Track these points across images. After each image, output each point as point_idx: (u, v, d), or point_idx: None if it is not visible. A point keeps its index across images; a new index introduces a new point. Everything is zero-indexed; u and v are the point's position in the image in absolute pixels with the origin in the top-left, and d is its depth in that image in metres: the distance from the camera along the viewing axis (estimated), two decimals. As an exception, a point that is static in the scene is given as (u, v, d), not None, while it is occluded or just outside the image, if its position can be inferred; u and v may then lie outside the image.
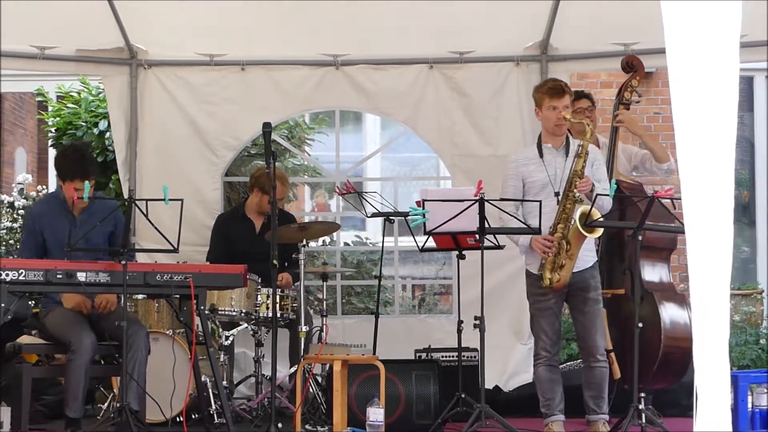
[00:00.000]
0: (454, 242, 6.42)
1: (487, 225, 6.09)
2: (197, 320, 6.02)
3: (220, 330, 7.13)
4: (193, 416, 6.94)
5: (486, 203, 6.05)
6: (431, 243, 6.43)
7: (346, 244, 10.67)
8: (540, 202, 6.05)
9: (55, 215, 6.28)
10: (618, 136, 6.94)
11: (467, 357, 7.07)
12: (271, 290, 6.88)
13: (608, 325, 6.48)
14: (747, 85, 10.84)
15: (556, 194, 6.07)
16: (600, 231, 6.12)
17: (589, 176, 6.04)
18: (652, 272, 6.70)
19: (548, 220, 6.06)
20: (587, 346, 6.15)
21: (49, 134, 9.15)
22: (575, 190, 5.97)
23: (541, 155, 6.18)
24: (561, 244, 5.99)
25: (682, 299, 6.58)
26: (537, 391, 6.23)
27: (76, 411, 5.92)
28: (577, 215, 5.93)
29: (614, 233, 6.65)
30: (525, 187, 6.19)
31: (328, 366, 6.78)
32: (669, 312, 6.55)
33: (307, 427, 6.58)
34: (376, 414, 6.05)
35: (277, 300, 6.90)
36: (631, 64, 7.01)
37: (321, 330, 6.81)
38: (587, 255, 6.15)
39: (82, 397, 5.93)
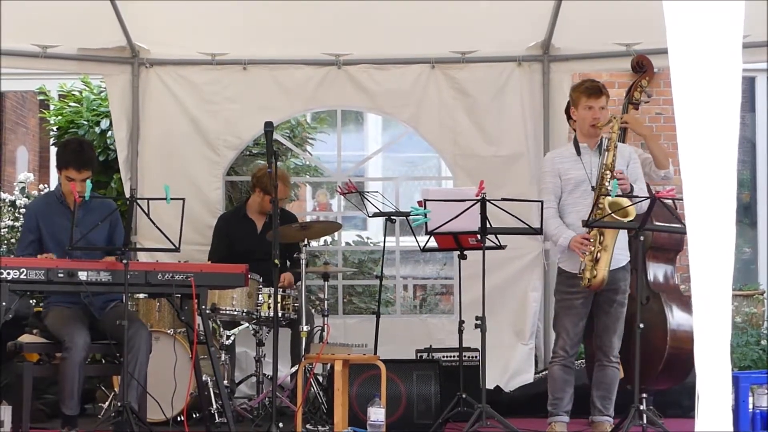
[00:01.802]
0: (455, 242, 6.42)
1: (488, 225, 6.08)
2: (198, 319, 6.02)
3: (221, 329, 7.13)
4: (194, 415, 6.94)
5: (487, 203, 6.05)
6: (432, 243, 6.43)
7: (347, 243, 10.67)
8: (542, 202, 6.09)
9: (54, 212, 6.29)
10: (626, 137, 6.93)
11: (468, 357, 7.07)
12: (272, 290, 6.88)
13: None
14: (748, 86, 10.84)
15: (593, 189, 6.05)
16: (632, 214, 6.03)
17: (626, 175, 6.01)
18: (660, 273, 6.70)
19: (586, 217, 6.05)
20: (603, 346, 6.13)
21: (51, 133, 9.14)
22: (607, 184, 5.95)
23: (578, 153, 6.17)
24: (596, 238, 5.97)
25: (688, 301, 6.57)
26: (547, 388, 6.20)
27: (72, 408, 5.93)
28: (607, 205, 5.89)
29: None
30: (561, 184, 6.19)
31: (329, 365, 6.78)
32: (675, 313, 6.54)
33: (308, 426, 6.58)
34: (377, 414, 6.05)
35: (279, 299, 6.89)
36: (641, 64, 7.00)
37: (322, 330, 6.81)
38: (620, 254, 6.10)
39: (78, 395, 5.93)
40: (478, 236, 6.15)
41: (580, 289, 6.01)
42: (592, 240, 5.96)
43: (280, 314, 6.93)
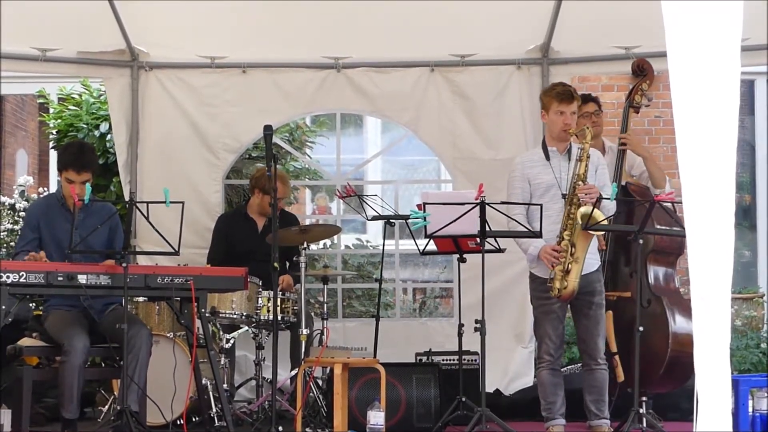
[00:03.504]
0: (454, 245, 6.42)
1: (488, 228, 6.08)
2: (198, 323, 6.02)
3: (221, 333, 7.13)
4: (194, 419, 6.94)
5: (487, 206, 6.04)
6: (432, 246, 6.43)
7: (347, 247, 10.66)
8: (541, 205, 6.06)
9: (54, 214, 6.29)
10: (626, 153, 6.91)
11: (468, 360, 7.07)
12: (271, 293, 6.87)
13: (614, 328, 6.48)
14: (747, 89, 10.84)
15: (563, 196, 6.06)
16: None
17: (593, 184, 6.03)
18: (661, 276, 6.69)
19: (555, 222, 6.06)
20: (588, 349, 6.15)
21: (51, 136, 9.14)
22: (579, 195, 5.96)
23: (547, 157, 6.18)
24: (568, 249, 5.98)
25: (689, 304, 6.54)
26: (539, 394, 6.22)
27: (71, 412, 5.92)
28: (579, 216, 5.92)
29: (621, 236, 6.64)
30: (530, 189, 6.19)
31: (328, 369, 6.77)
32: (677, 316, 6.54)
33: (307, 430, 6.57)
34: (376, 417, 6.04)
35: (278, 303, 6.89)
36: (642, 68, 7.01)
37: (322, 333, 6.80)
38: (591, 259, 6.14)
39: (77, 399, 5.93)
40: (478, 239, 6.14)
41: None
42: (563, 252, 5.97)
43: (279, 317, 6.92)
